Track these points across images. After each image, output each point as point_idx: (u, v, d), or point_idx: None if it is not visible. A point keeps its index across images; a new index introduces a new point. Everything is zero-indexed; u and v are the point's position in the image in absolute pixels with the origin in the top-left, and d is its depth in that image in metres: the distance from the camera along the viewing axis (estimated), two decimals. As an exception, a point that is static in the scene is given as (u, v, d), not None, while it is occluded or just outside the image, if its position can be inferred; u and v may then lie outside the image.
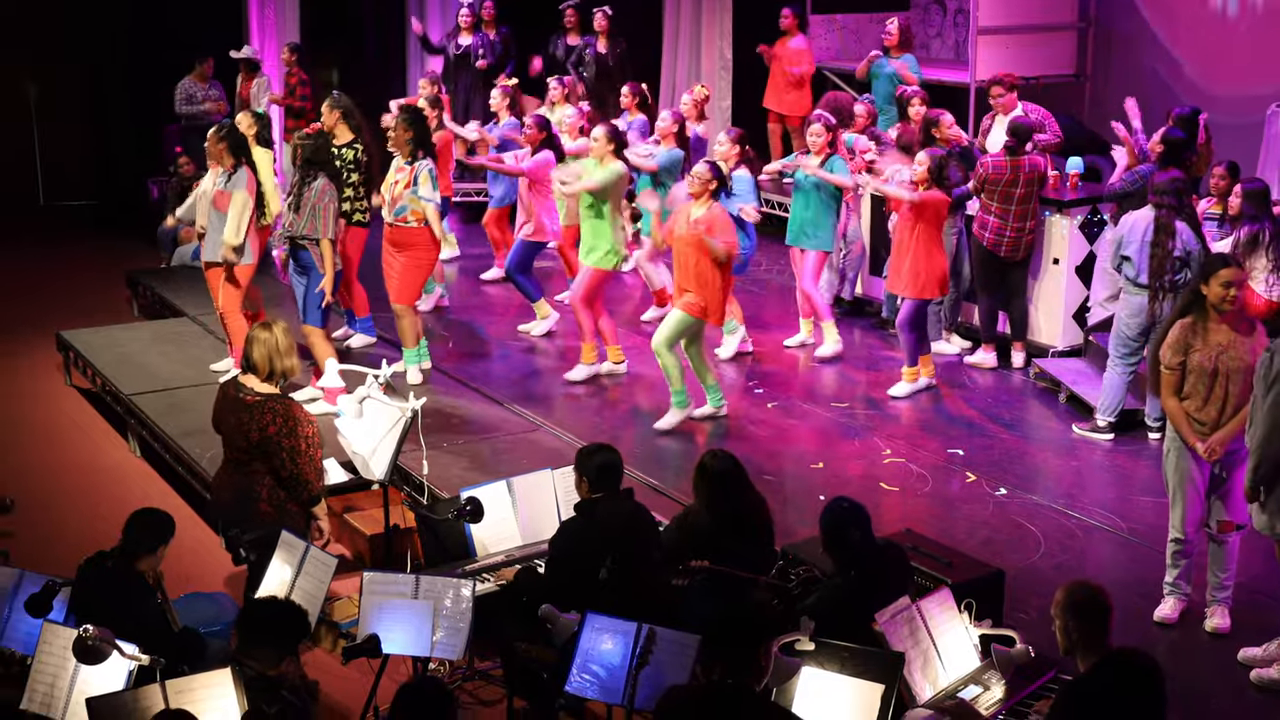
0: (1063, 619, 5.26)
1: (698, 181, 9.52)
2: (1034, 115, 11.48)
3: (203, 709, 5.22)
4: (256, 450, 7.09)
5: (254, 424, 7.05)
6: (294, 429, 7.06)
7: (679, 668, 5.61)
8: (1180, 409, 7.09)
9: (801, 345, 11.46)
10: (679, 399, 9.69)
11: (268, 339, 7.16)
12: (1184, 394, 7.08)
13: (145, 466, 10.26)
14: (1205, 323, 7.01)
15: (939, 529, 8.08)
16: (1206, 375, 6.98)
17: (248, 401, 7.11)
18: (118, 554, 6.40)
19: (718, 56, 16.07)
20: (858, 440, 9.67)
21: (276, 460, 7.07)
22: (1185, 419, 7.07)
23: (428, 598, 6.26)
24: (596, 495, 6.70)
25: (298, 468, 7.10)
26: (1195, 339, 7.01)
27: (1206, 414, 7.02)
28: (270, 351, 7.14)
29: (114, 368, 11.15)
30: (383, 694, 6.36)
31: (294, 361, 7.25)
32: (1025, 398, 10.56)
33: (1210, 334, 6.99)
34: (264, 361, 7.14)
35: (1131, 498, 8.76)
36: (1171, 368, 7.08)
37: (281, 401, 7.11)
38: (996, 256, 10.74)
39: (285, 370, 7.18)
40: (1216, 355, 6.96)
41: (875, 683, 5.57)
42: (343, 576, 7.15)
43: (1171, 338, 7.10)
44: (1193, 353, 7.01)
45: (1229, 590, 7.25)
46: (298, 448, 7.08)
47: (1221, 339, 6.97)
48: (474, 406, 10.27)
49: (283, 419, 7.05)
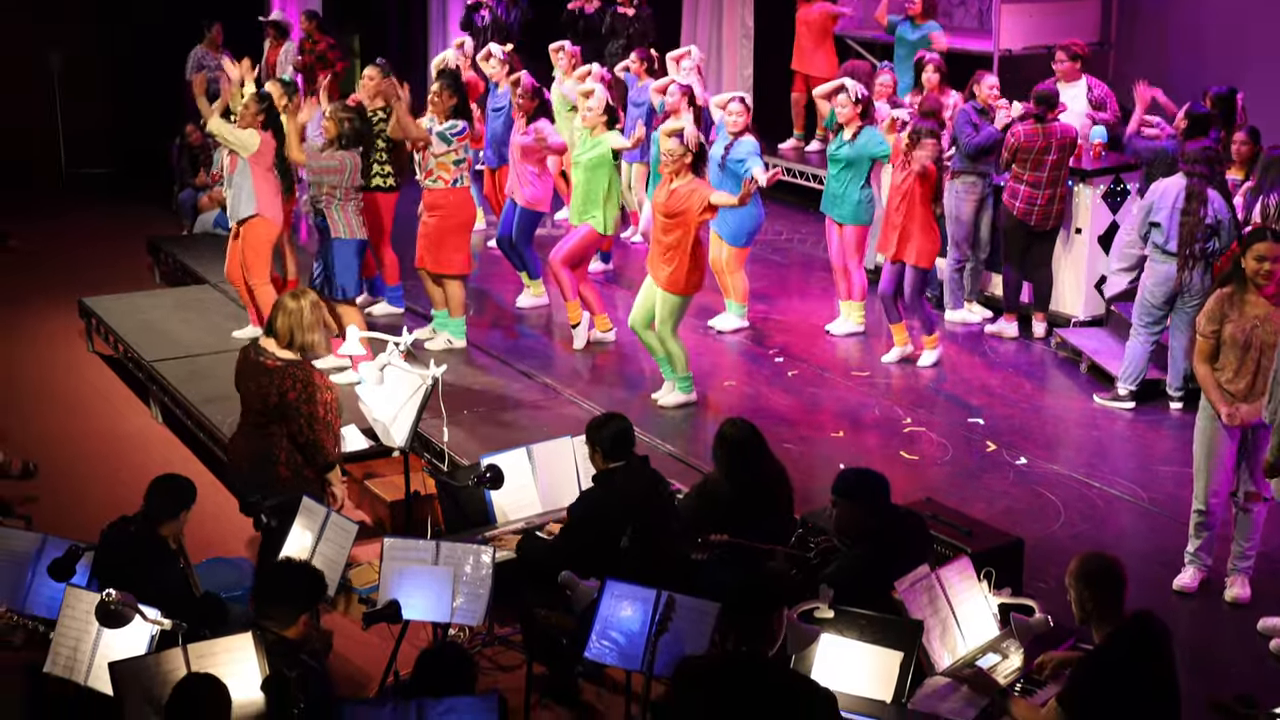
0: (1076, 589, 5.27)
1: (671, 160, 9.22)
2: (1097, 90, 11.40)
3: (224, 673, 5.24)
4: (274, 414, 7.12)
5: (273, 388, 7.08)
6: (312, 395, 7.09)
7: (698, 635, 5.62)
8: (1211, 375, 7.08)
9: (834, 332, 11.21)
10: (684, 384, 9.60)
11: (294, 310, 7.17)
12: (1218, 365, 7.07)
13: (167, 433, 10.30)
14: (1243, 294, 6.99)
15: (959, 498, 8.07)
16: (1239, 347, 6.97)
17: (268, 366, 7.13)
18: (140, 519, 6.44)
19: (739, 24, 15.98)
20: (878, 409, 9.66)
21: (294, 425, 7.10)
22: (1215, 385, 7.06)
23: (448, 564, 6.28)
24: (614, 465, 6.71)
25: (314, 433, 7.13)
26: (1231, 310, 7.00)
27: (1236, 385, 7.01)
28: (294, 324, 7.16)
29: (136, 334, 11.18)
30: (403, 659, 6.40)
31: (316, 337, 7.24)
32: (1046, 367, 10.54)
33: (1247, 306, 6.97)
34: (285, 331, 7.16)
35: (1152, 467, 8.74)
36: (1205, 335, 7.08)
37: (301, 367, 7.13)
38: (1026, 226, 10.69)
39: (305, 344, 7.19)
40: (1250, 328, 6.94)
41: (894, 650, 5.58)
42: (363, 543, 7.18)
43: (1209, 306, 7.12)
44: (1227, 323, 6.99)
45: (1251, 560, 7.24)
46: (315, 414, 7.10)
47: (1258, 311, 6.95)
48: (494, 374, 10.29)
49: (302, 385, 7.07)
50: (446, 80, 10.46)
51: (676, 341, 9.49)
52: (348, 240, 9.81)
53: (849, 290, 11.11)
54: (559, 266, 10.62)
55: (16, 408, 10.47)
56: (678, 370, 9.56)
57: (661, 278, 9.30)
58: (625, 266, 12.73)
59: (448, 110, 10.30)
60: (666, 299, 9.33)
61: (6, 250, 14.81)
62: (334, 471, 7.35)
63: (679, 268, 9.22)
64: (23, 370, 11.51)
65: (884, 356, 10.49)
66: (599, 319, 10.84)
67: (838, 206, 10.91)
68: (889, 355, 10.48)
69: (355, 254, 9.92)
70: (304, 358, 7.23)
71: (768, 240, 11.84)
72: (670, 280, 9.27)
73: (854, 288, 11.06)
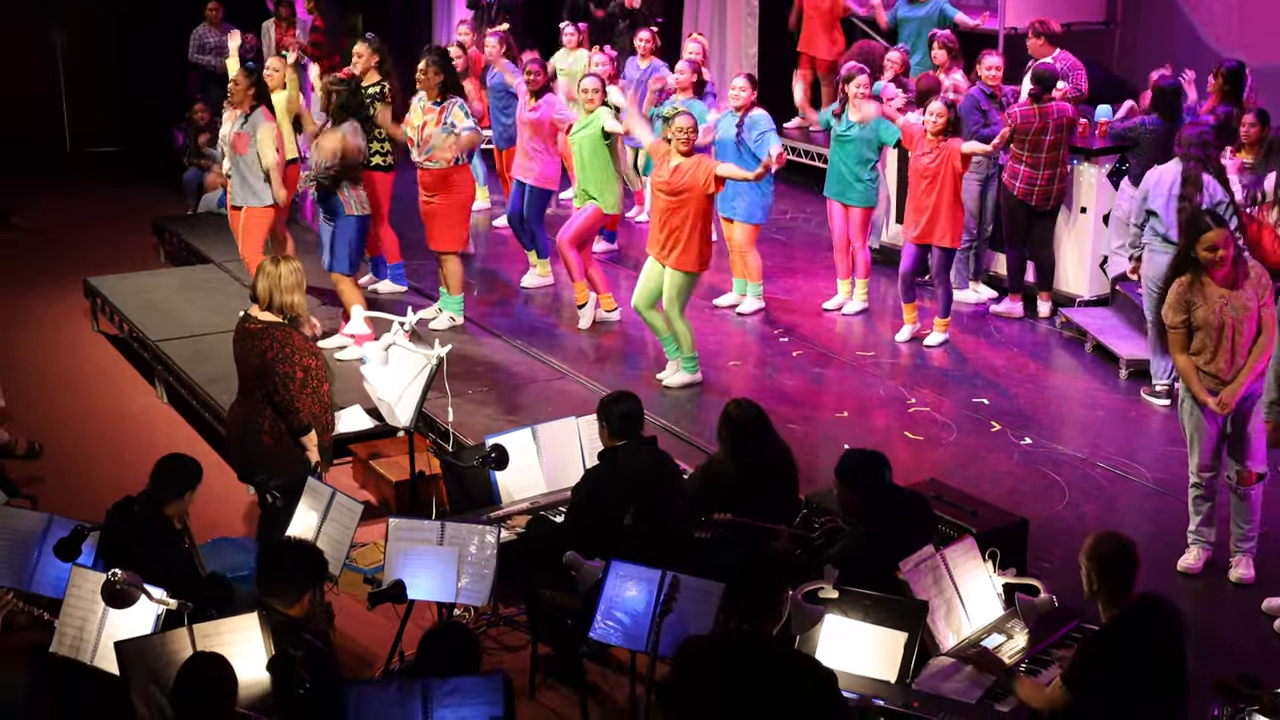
0: (1087, 566, 5.27)
1: (683, 136, 9.19)
2: (1059, 64, 11.37)
3: (230, 653, 5.25)
4: (257, 378, 7.21)
5: (254, 350, 7.20)
6: (289, 355, 7.15)
7: (703, 615, 5.63)
8: (1190, 364, 7.09)
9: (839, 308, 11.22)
10: (689, 364, 9.59)
11: (272, 273, 7.27)
12: (1194, 349, 7.07)
13: (172, 412, 10.31)
14: (1201, 279, 7.00)
15: (964, 478, 8.08)
16: (1213, 329, 6.98)
17: (251, 329, 7.28)
18: (145, 499, 6.45)
19: (744, 3, 15.93)
20: (883, 390, 9.66)
21: (270, 385, 7.17)
22: (1195, 374, 7.08)
23: (453, 544, 6.29)
24: (619, 443, 6.72)
25: (289, 395, 7.19)
26: (1195, 296, 7.02)
27: (1217, 365, 7.03)
28: (272, 285, 7.26)
29: (141, 314, 11.19)
30: (408, 640, 6.42)
31: (295, 299, 7.31)
32: (1051, 347, 10.53)
33: (1208, 289, 6.98)
34: (265, 293, 7.28)
35: (1157, 448, 8.74)
36: (1175, 326, 7.10)
37: (281, 329, 7.22)
38: (1027, 206, 10.68)
39: (284, 305, 7.27)
40: (1220, 308, 6.95)
41: (898, 631, 5.59)
42: (368, 523, 7.19)
43: (1171, 298, 7.12)
44: (1195, 309, 7.01)
45: (1253, 541, 7.25)
46: (292, 374, 7.15)
47: (1221, 292, 6.95)
48: (499, 354, 10.29)
49: (279, 345, 7.15)
50: (433, 58, 10.44)
51: (684, 321, 9.48)
52: (351, 217, 9.88)
53: (849, 269, 11.10)
54: (566, 247, 10.63)
55: (22, 388, 10.47)
56: (684, 350, 9.54)
57: (670, 257, 9.28)
58: (629, 246, 12.72)
59: (435, 87, 10.28)
60: (675, 277, 9.31)
61: (8, 228, 14.81)
62: (309, 435, 7.35)
63: (688, 246, 9.21)
64: (28, 350, 11.51)
65: (897, 335, 10.50)
66: (604, 298, 10.84)
67: (844, 188, 10.88)
68: (901, 334, 10.48)
69: (358, 230, 10.00)
70: (287, 321, 7.27)
71: (772, 219, 11.81)
72: (680, 259, 9.26)
73: (859, 266, 11.05)
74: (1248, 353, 6.95)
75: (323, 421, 7.48)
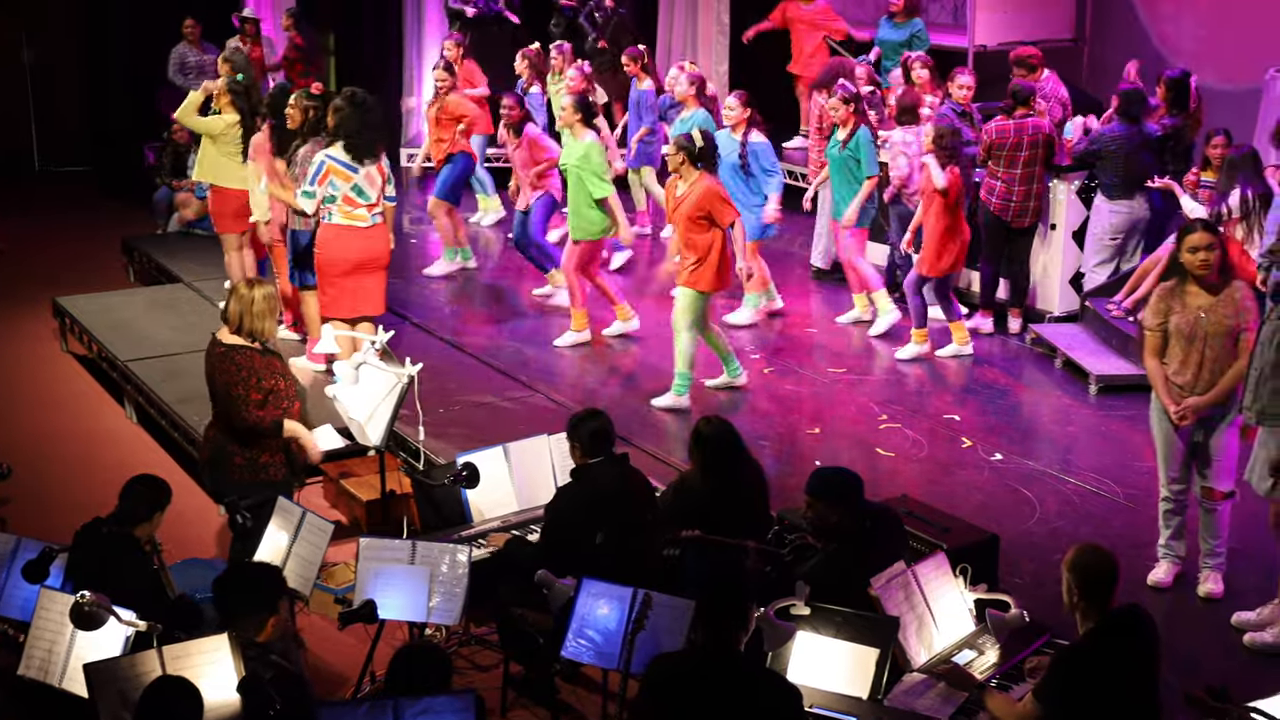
0: (1068, 578, 5.30)
1: (671, 161, 9.31)
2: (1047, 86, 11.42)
3: (200, 675, 5.23)
4: (221, 401, 7.19)
5: (217, 372, 7.16)
6: (246, 379, 7.11)
7: (674, 632, 5.63)
8: (1159, 369, 7.12)
9: (856, 322, 11.23)
10: (680, 383, 9.58)
11: (245, 296, 7.22)
12: (1165, 357, 7.11)
13: (141, 433, 10.27)
14: (1184, 286, 7.03)
15: (935, 494, 8.09)
16: (1184, 338, 7.00)
17: (218, 352, 7.24)
18: (114, 521, 6.42)
19: (715, 21, 15.98)
20: (854, 406, 9.68)
21: (230, 409, 7.13)
22: (1163, 380, 7.11)
23: (424, 563, 6.28)
24: (591, 461, 6.71)
25: (243, 418, 7.14)
26: (1175, 302, 7.04)
27: (1183, 376, 7.05)
28: (244, 309, 7.20)
29: (110, 334, 11.14)
30: (379, 660, 6.38)
31: (267, 325, 7.26)
32: (1022, 363, 10.56)
33: (1189, 297, 7.00)
34: (235, 316, 7.22)
35: (1127, 463, 8.77)
36: (1152, 329, 7.12)
37: (243, 353, 7.16)
38: (1004, 222, 10.71)
39: (254, 330, 7.22)
40: (1195, 319, 6.97)
41: (870, 647, 5.59)
42: (339, 542, 7.16)
43: (1152, 301, 7.17)
44: (1172, 315, 7.03)
45: (1221, 557, 7.27)
46: (248, 398, 7.11)
47: (1201, 302, 6.98)
48: (470, 372, 10.28)
49: (237, 368, 7.12)
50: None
51: (689, 335, 9.49)
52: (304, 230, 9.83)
53: (861, 283, 11.11)
54: (570, 273, 10.65)
55: (-10, 409, 10.44)
56: (679, 365, 9.55)
57: (682, 275, 9.37)
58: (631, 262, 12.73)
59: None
60: (685, 294, 9.39)
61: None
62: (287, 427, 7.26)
63: (700, 265, 9.28)
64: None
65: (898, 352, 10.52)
66: (619, 309, 10.84)
67: (835, 207, 10.94)
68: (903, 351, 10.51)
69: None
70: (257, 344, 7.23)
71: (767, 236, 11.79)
72: (692, 277, 9.33)
73: (866, 280, 11.04)
74: (1215, 369, 6.96)
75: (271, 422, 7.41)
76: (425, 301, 11.86)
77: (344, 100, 9.44)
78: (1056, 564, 5.47)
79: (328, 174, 9.27)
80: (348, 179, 9.29)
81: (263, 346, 7.26)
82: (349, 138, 9.30)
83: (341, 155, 9.30)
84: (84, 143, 17.89)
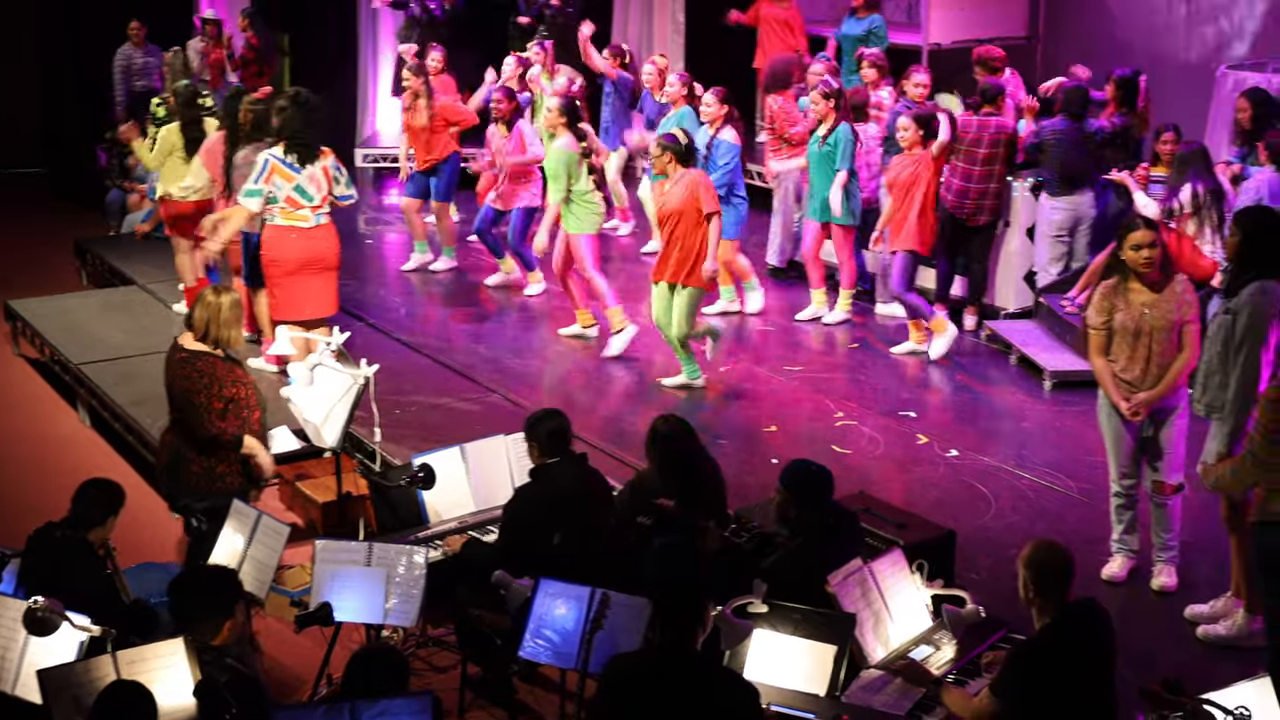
0: (1024, 574, 5.32)
1: (658, 166, 9.40)
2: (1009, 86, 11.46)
3: (155, 679, 5.20)
4: (181, 407, 7.14)
5: (178, 379, 7.10)
6: (208, 386, 7.07)
7: (632, 631, 5.62)
8: (1106, 368, 7.16)
9: (813, 319, 11.23)
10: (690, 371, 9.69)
11: (212, 303, 7.17)
12: (1111, 354, 7.15)
13: (95, 436, 10.20)
14: (1127, 284, 7.07)
15: (891, 491, 8.12)
16: (1130, 335, 7.05)
17: (179, 358, 7.18)
18: (67, 525, 6.37)
19: (670, 19, 15.97)
20: (811, 403, 9.70)
21: (191, 417, 7.08)
22: (1111, 378, 7.15)
23: (380, 565, 6.26)
24: (550, 460, 6.71)
25: (205, 427, 7.10)
26: (1118, 300, 7.08)
27: (1131, 373, 7.10)
28: (210, 316, 7.15)
29: (63, 337, 11.06)
30: (336, 662, 6.35)
31: (233, 333, 7.22)
32: (977, 360, 10.59)
33: (1132, 294, 7.05)
34: (201, 324, 7.17)
35: (1081, 458, 8.81)
36: (1096, 328, 7.17)
37: (205, 360, 7.11)
38: (958, 220, 10.72)
39: (220, 339, 7.17)
40: (1139, 315, 7.02)
41: (827, 644, 5.60)
42: (295, 545, 7.13)
43: (1096, 299, 7.21)
44: (1116, 313, 7.08)
45: (1174, 550, 7.32)
46: (210, 405, 7.07)
47: (1144, 299, 7.03)
48: (426, 373, 10.25)
49: (199, 376, 7.07)
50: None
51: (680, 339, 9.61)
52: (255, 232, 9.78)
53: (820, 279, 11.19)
54: (564, 277, 10.66)
55: (-59, 413, 10.35)
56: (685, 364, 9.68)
57: (681, 273, 9.37)
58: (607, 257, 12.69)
59: None
60: (688, 295, 9.42)
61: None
62: (246, 444, 7.24)
63: (700, 262, 9.32)
64: (-53, 375, 11.37)
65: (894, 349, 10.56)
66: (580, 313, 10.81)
67: (815, 204, 10.94)
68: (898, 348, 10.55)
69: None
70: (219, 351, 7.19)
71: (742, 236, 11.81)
72: (692, 277, 9.36)
73: (844, 278, 11.12)
74: (1162, 363, 7.02)
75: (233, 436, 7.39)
76: (381, 302, 11.82)
77: (287, 100, 9.43)
78: (1012, 559, 5.49)
79: (271, 173, 9.23)
80: (290, 179, 9.25)
81: (225, 354, 7.22)
82: (292, 138, 9.27)
83: (285, 155, 9.27)
84: (35, 145, 17.72)
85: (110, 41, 15.74)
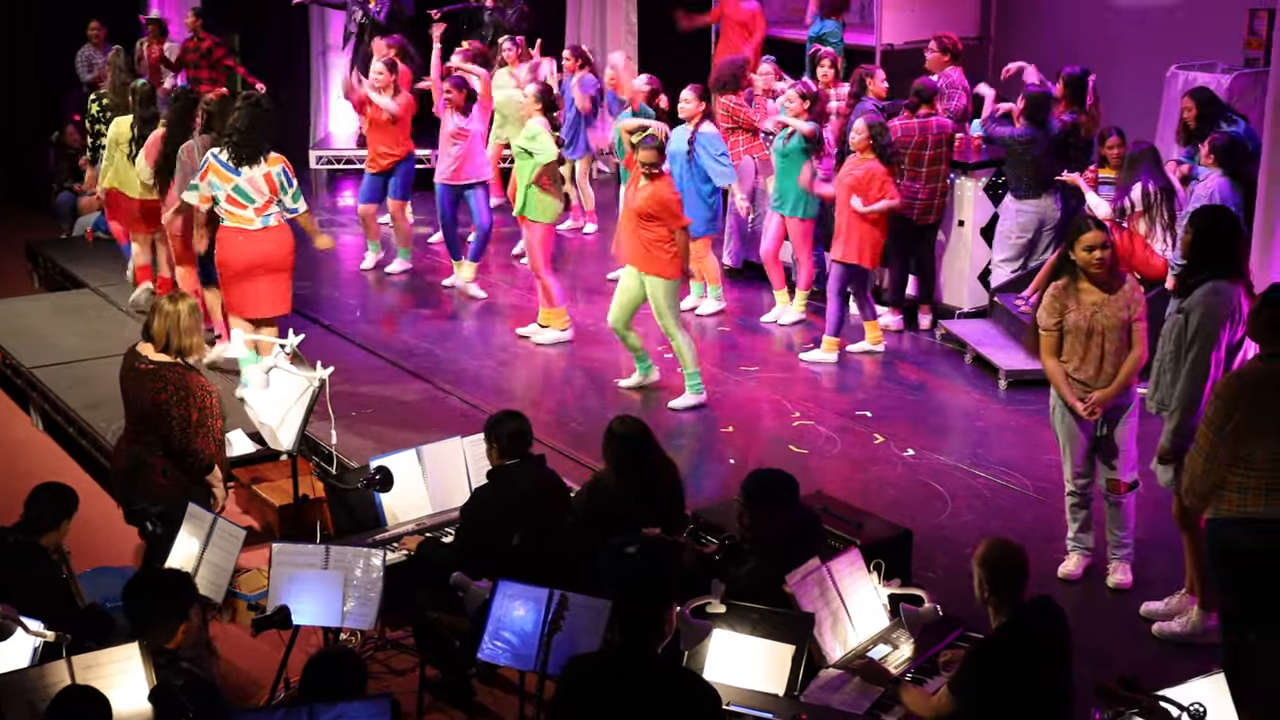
0: (979, 573, 5.34)
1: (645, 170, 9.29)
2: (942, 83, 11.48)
3: (110, 684, 5.16)
4: (148, 421, 7.07)
5: (146, 392, 7.04)
6: (184, 398, 7.05)
7: (591, 632, 5.62)
8: (1059, 369, 7.21)
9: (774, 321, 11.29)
10: (693, 383, 9.58)
11: (170, 312, 7.14)
12: (1063, 355, 7.19)
13: (48, 440, 10.11)
14: (1077, 284, 7.12)
15: (848, 490, 8.15)
16: (1082, 335, 7.10)
17: (142, 369, 7.14)
18: (20, 529, 6.32)
19: (623, 20, 15.97)
20: (767, 403, 9.72)
21: (165, 429, 7.06)
22: (1064, 379, 7.19)
23: (338, 568, 6.23)
24: (509, 462, 6.69)
25: (188, 439, 7.09)
26: (1069, 300, 7.13)
27: (1084, 372, 7.15)
28: (170, 326, 7.13)
29: (14, 340, 10.97)
30: (293, 666, 6.33)
31: (194, 340, 7.22)
32: (932, 359, 10.65)
33: (1082, 294, 7.10)
34: (162, 334, 7.14)
35: (1036, 456, 8.86)
36: (1048, 329, 7.20)
37: (174, 370, 7.09)
38: (909, 220, 10.78)
39: (182, 348, 7.16)
40: (1090, 315, 7.07)
41: (786, 644, 5.61)
42: (252, 548, 7.08)
43: (1046, 300, 7.23)
44: (1068, 314, 7.12)
45: (1129, 547, 7.38)
46: (188, 418, 7.06)
47: (1095, 299, 7.08)
48: (382, 376, 10.21)
49: (174, 387, 7.04)
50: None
51: (682, 332, 9.52)
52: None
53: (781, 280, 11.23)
54: (542, 275, 10.64)
55: (-110, 418, 10.23)
56: (686, 366, 9.55)
57: (651, 266, 9.32)
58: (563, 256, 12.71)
59: None
60: (659, 286, 9.33)
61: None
62: (213, 473, 7.28)
63: (669, 253, 9.28)
64: (-104, 379, 11.24)
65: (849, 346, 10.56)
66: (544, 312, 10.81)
67: (786, 200, 10.92)
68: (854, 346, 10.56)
69: None
70: (180, 361, 7.16)
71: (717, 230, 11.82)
72: (662, 266, 9.29)
73: (801, 279, 11.17)
74: (1115, 362, 7.07)
75: (219, 459, 7.41)
76: (336, 304, 11.78)
77: (241, 101, 9.49)
78: (969, 558, 5.51)
79: (208, 172, 9.23)
80: (228, 180, 9.22)
81: (185, 364, 7.20)
82: (232, 138, 9.24)
83: (223, 156, 9.24)
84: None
85: (69, 43, 15.60)
